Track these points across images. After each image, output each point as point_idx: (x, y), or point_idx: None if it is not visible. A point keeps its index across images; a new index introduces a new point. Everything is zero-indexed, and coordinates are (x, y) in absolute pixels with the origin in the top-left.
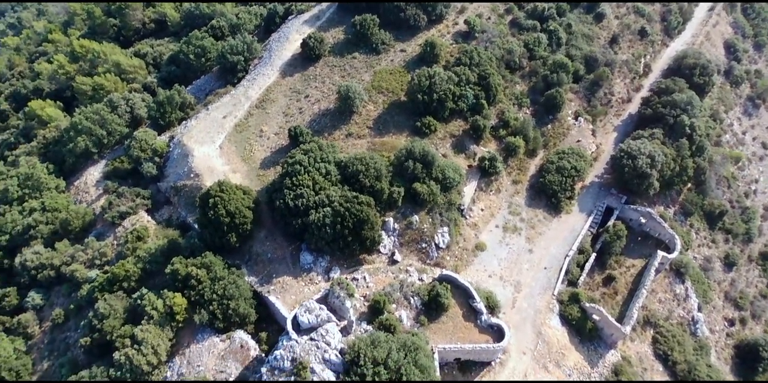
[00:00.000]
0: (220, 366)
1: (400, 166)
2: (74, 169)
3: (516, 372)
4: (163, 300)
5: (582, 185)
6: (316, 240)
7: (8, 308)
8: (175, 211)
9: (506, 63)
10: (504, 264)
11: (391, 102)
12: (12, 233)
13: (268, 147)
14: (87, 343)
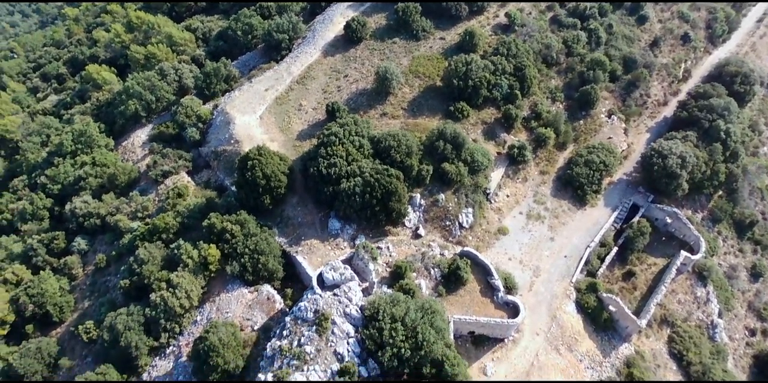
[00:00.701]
0: (246, 315)
1: (431, 146)
2: (123, 130)
3: (528, 351)
4: (199, 250)
5: (609, 181)
6: (345, 208)
7: (56, 250)
8: (213, 174)
9: (543, 57)
10: (525, 249)
11: (427, 86)
12: (64, 183)
13: (306, 121)
14: (126, 285)
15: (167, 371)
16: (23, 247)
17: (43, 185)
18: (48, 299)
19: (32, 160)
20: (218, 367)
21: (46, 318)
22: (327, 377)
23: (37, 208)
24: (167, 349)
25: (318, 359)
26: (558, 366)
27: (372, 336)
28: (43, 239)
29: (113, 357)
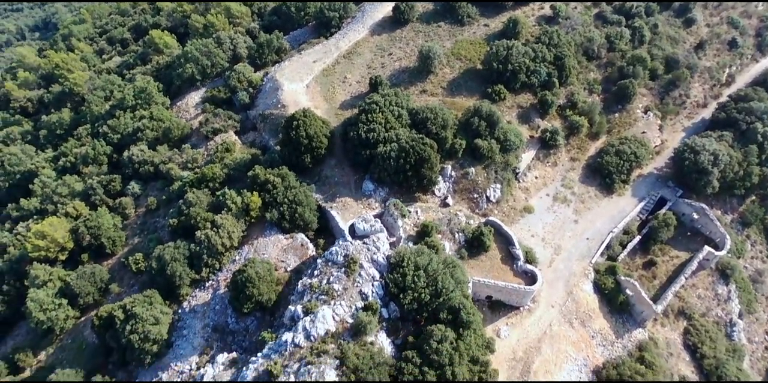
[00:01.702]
0: (281, 257)
1: (466, 122)
2: (178, 92)
3: (541, 321)
4: (242, 197)
5: (639, 173)
6: (380, 171)
7: (112, 192)
8: (259, 136)
9: (584, 50)
10: (548, 228)
11: (467, 69)
12: (123, 133)
13: (349, 92)
14: (174, 224)
15: (205, 301)
16: (84, 186)
17: (104, 134)
18: (103, 232)
19: (96, 112)
20: (253, 298)
21: (100, 250)
22: (351, 311)
23: (98, 153)
24: (206, 283)
25: (344, 296)
26: (570, 339)
27: (395, 280)
28: (102, 181)
29: (159, 284)
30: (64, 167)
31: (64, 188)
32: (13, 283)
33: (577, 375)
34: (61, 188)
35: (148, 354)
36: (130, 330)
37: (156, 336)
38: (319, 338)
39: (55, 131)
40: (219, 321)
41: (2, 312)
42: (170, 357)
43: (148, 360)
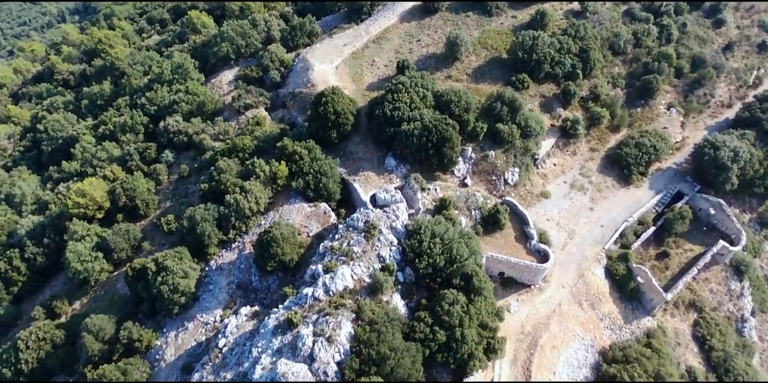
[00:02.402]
0: (304, 223)
1: (489, 107)
2: (213, 69)
3: (551, 300)
4: (270, 166)
5: (658, 167)
6: (402, 148)
7: (147, 159)
8: (288, 113)
9: (610, 45)
10: (563, 214)
11: (493, 57)
12: (159, 105)
13: (377, 75)
14: (205, 188)
15: (231, 260)
16: (121, 152)
17: (142, 106)
18: (138, 194)
19: (135, 85)
20: (276, 257)
21: (134, 211)
22: (369, 272)
23: (135, 123)
24: (233, 244)
25: (363, 258)
26: (578, 319)
27: (412, 245)
28: (138, 148)
29: (188, 243)
30: (103, 135)
31: (103, 153)
32: (53, 237)
33: (583, 354)
34: (101, 153)
35: (176, 305)
36: (161, 281)
37: (184, 289)
38: (337, 293)
39: (95, 101)
40: (243, 279)
41: (42, 263)
42: (196, 309)
43: (176, 311)
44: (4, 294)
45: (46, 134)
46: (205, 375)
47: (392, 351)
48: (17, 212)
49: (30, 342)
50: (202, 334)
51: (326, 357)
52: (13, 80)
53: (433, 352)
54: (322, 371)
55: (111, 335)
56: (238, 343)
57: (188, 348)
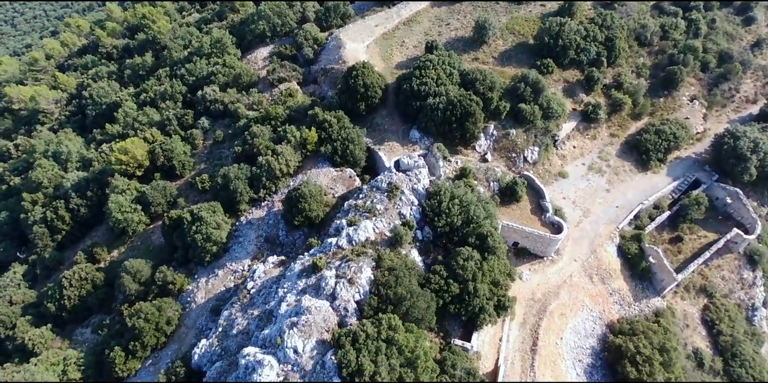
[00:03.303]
0: (331, 185)
1: (513, 88)
2: (249, 46)
3: (563, 271)
4: (301, 132)
5: (677, 156)
6: (427, 121)
7: (185, 124)
8: (319, 88)
9: (637, 36)
10: (579, 193)
11: (519, 42)
12: (198, 76)
13: (405, 55)
14: (238, 151)
15: (260, 217)
16: (161, 117)
17: (181, 76)
18: (175, 156)
19: (175, 57)
20: (303, 212)
21: (170, 171)
22: (390, 227)
23: (175, 91)
24: (263, 202)
25: (385, 215)
26: (588, 291)
27: (432, 205)
28: (176, 114)
29: (221, 199)
30: (144, 102)
31: (144, 117)
32: (95, 191)
33: (591, 324)
34: (142, 117)
35: (207, 253)
36: (195, 230)
37: (216, 238)
38: (359, 243)
39: (137, 71)
40: (271, 234)
41: (84, 214)
42: (226, 259)
43: (207, 259)
44: (48, 240)
45: (91, 100)
46: (233, 313)
47: (409, 293)
48: (63, 168)
49: (73, 281)
50: (230, 281)
51: (347, 295)
52: (60, 53)
53: (446, 303)
54: (343, 307)
55: (147, 277)
56: (265, 286)
57: (217, 292)
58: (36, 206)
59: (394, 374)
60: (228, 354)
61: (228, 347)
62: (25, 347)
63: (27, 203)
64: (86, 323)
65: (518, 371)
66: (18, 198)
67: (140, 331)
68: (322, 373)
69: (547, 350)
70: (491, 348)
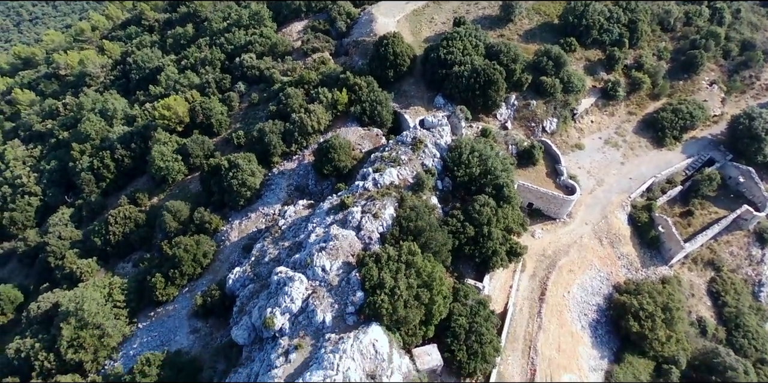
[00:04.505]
0: (358, 141)
1: (536, 61)
2: (285, 21)
3: (574, 233)
4: (332, 94)
5: (693, 135)
6: (452, 88)
7: (223, 88)
8: (350, 59)
9: (660, 20)
10: (595, 164)
11: (544, 22)
12: (236, 45)
13: (434, 30)
14: (273, 110)
15: (291, 168)
16: (200, 81)
17: (221, 45)
18: (213, 114)
19: (215, 28)
20: (333, 162)
21: (209, 129)
22: (413, 174)
23: (214, 58)
24: (294, 156)
25: (408, 164)
26: (597, 253)
27: (453, 157)
28: (215, 78)
29: (256, 151)
30: (185, 67)
31: (185, 80)
32: (139, 143)
33: (598, 283)
34: (183, 80)
35: (242, 198)
36: (232, 176)
37: (251, 184)
38: (384, 186)
39: (179, 41)
40: (301, 183)
41: (128, 164)
42: (258, 204)
43: (241, 203)
44: (94, 186)
45: (135, 65)
46: (266, 245)
47: (428, 225)
48: (108, 124)
49: (118, 218)
50: (262, 223)
51: (371, 227)
52: (104, 25)
53: (461, 244)
54: (367, 236)
55: (186, 217)
56: (296, 223)
57: (249, 232)
58: (83, 156)
59: (412, 291)
60: (260, 279)
61: (260, 273)
62: (73, 275)
63: (76, 152)
64: (128, 258)
65: (526, 316)
66: (66, 149)
67: (179, 260)
68: (347, 288)
69: (554, 300)
70: (501, 294)
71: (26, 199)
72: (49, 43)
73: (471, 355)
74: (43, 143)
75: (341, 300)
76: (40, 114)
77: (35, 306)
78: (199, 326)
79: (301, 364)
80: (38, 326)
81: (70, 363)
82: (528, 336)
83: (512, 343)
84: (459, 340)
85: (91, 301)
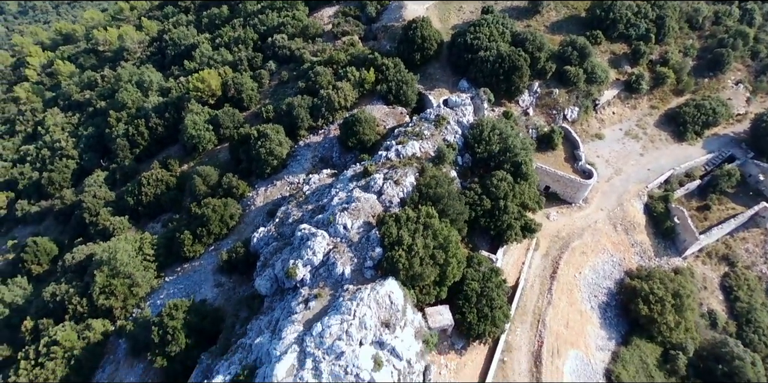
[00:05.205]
0: (383, 118)
1: (560, 51)
2: (316, 7)
3: (589, 218)
4: (360, 73)
5: (715, 132)
6: (476, 72)
7: (254, 66)
8: (378, 44)
9: (688, 18)
10: (614, 154)
11: (571, 15)
12: (269, 26)
13: (462, 18)
14: (302, 86)
15: (317, 141)
16: (233, 58)
17: (254, 25)
18: (244, 89)
19: (249, 9)
20: (357, 134)
21: (239, 103)
22: (434, 147)
23: (247, 37)
24: (320, 130)
25: (431, 139)
26: (611, 238)
27: (473, 134)
28: (248, 56)
29: (284, 124)
30: (218, 45)
31: (218, 56)
32: (172, 113)
33: (609, 268)
34: (216, 56)
35: (269, 166)
36: (260, 145)
37: (278, 154)
38: (406, 156)
39: (214, 20)
40: (326, 154)
41: (161, 133)
42: (284, 173)
43: (267, 171)
44: (128, 152)
45: (171, 42)
46: (290, 208)
47: (447, 193)
48: (144, 94)
49: (150, 180)
50: (286, 191)
51: (392, 192)
52: (142, 5)
53: (477, 216)
54: (388, 200)
55: (214, 181)
56: (319, 189)
57: (274, 198)
58: (119, 123)
59: (428, 250)
60: (283, 238)
61: (283, 232)
62: (106, 231)
63: (112, 119)
64: (157, 219)
65: (536, 292)
66: (103, 117)
67: (207, 219)
68: (367, 244)
69: (565, 279)
70: (513, 270)
71: (64, 161)
72: (89, 21)
73: (481, 318)
74: (81, 112)
75: (360, 255)
76: (79, 85)
77: (70, 257)
78: (223, 280)
79: (319, 311)
80: (72, 274)
81: (101, 309)
82: (537, 310)
83: (521, 316)
84: (470, 303)
85: (124, 252)
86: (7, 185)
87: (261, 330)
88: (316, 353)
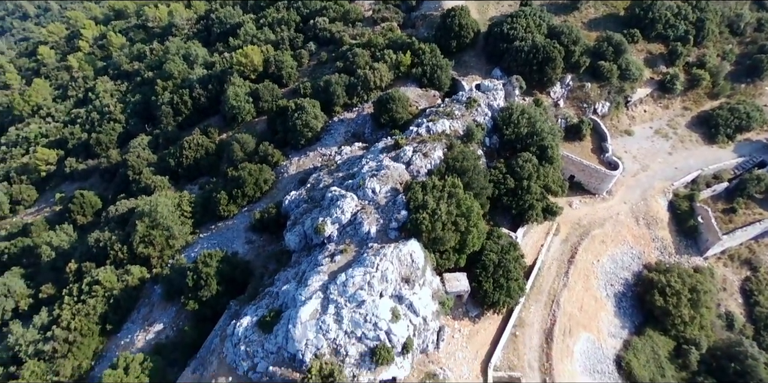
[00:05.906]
0: (416, 99)
1: (596, 47)
2: None
3: (611, 209)
4: (396, 55)
5: (747, 137)
6: (510, 61)
7: (295, 46)
8: (416, 31)
9: (730, 23)
10: (642, 151)
11: (610, 13)
12: (311, 9)
13: (500, 11)
14: (340, 66)
15: (351, 118)
16: (275, 37)
17: (297, 8)
18: (285, 66)
19: None
20: (390, 112)
21: (279, 80)
22: (464, 127)
23: (290, 19)
24: (354, 108)
25: (461, 119)
26: (632, 231)
27: (503, 116)
28: (289, 36)
29: (321, 99)
30: (262, 25)
31: (261, 35)
32: (215, 85)
33: (629, 260)
34: (260, 35)
35: (303, 138)
36: (297, 117)
37: (313, 126)
38: (436, 133)
39: (259, 2)
40: (358, 130)
41: (204, 103)
42: (317, 145)
43: (302, 143)
44: (171, 119)
45: (217, 20)
46: (321, 175)
47: (473, 166)
48: (190, 67)
49: (192, 144)
50: (319, 162)
51: (420, 164)
52: None
53: (501, 194)
54: (416, 170)
55: (251, 149)
56: (351, 159)
57: (306, 168)
58: (165, 92)
59: (450, 217)
60: (313, 201)
61: (314, 196)
62: (147, 188)
63: (159, 87)
64: (195, 181)
65: (553, 274)
66: (150, 87)
67: (243, 181)
68: (393, 207)
69: (583, 265)
70: (532, 251)
71: (111, 125)
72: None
73: (497, 287)
74: (129, 81)
75: (386, 216)
76: (129, 56)
77: (113, 209)
78: (254, 238)
79: (344, 264)
80: (114, 224)
81: (140, 256)
82: (552, 291)
83: (536, 295)
84: (487, 272)
85: (164, 206)
86: (58, 143)
87: (288, 279)
88: (339, 300)
